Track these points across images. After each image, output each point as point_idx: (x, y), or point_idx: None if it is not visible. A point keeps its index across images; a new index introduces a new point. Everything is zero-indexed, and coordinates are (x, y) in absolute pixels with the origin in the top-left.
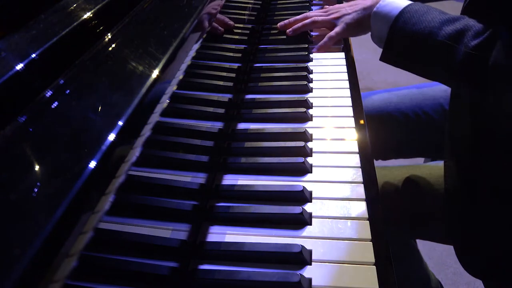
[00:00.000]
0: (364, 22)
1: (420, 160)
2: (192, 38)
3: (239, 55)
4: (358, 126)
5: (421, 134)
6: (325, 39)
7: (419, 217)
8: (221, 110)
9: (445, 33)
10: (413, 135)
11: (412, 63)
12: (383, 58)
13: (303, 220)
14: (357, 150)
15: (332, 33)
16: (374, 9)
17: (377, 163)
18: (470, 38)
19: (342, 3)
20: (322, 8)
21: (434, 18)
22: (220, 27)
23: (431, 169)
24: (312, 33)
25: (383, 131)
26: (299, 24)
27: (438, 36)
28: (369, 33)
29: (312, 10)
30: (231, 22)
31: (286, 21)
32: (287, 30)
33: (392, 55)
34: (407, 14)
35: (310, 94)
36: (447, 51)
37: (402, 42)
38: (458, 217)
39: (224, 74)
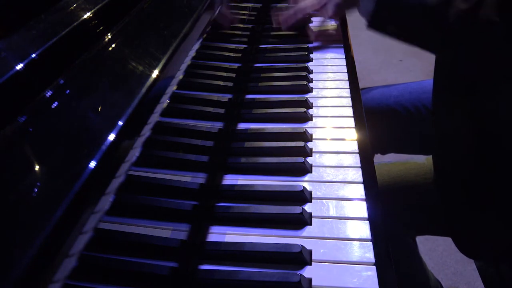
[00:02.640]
0: None
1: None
2: (192, 38)
3: (239, 55)
4: (358, 126)
5: (420, 128)
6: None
7: (415, 210)
8: (221, 110)
9: None
10: (413, 129)
11: (400, 30)
12: (370, 25)
13: (303, 220)
14: (357, 150)
15: (324, 14)
16: None
17: (375, 159)
18: (460, 1)
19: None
20: None
21: None
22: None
23: (425, 160)
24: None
25: (383, 125)
26: (291, 12)
27: (428, 2)
28: (368, 33)
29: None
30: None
31: (280, 18)
32: (282, 27)
33: (380, 23)
34: None
35: (310, 94)
36: (438, 15)
37: (390, 10)
38: (448, 204)
39: (224, 74)
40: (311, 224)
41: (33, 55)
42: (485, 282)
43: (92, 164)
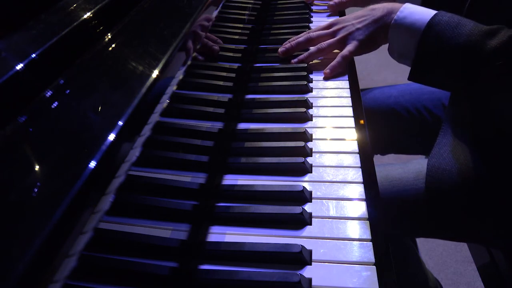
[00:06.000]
0: (377, 36)
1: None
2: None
3: (239, 55)
4: (358, 126)
5: (420, 129)
6: (337, 58)
7: (415, 214)
8: (221, 110)
9: (491, 47)
10: (413, 129)
11: (449, 79)
12: (412, 77)
13: (303, 220)
14: (357, 150)
15: (345, 52)
16: (393, 21)
17: (375, 159)
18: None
19: (344, 14)
20: (325, 12)
21: (472, 31)
22: (214, 46)
23: (424, 163)
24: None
25: (383, 125)
26: (306, 54)
27: (484, 50)
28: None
29: (312, 9)
30: (216, 47)
31: (287, 45)
32: (292, 60)
33: (424, 72)
34: (438, 27)
35: (310, 94)
36: (499, 65)
37: (438, 59)
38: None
39: (224, 74)
40: (311, 224)
41: (33, 55)
42: (485, 282)
43: (92, 164)
